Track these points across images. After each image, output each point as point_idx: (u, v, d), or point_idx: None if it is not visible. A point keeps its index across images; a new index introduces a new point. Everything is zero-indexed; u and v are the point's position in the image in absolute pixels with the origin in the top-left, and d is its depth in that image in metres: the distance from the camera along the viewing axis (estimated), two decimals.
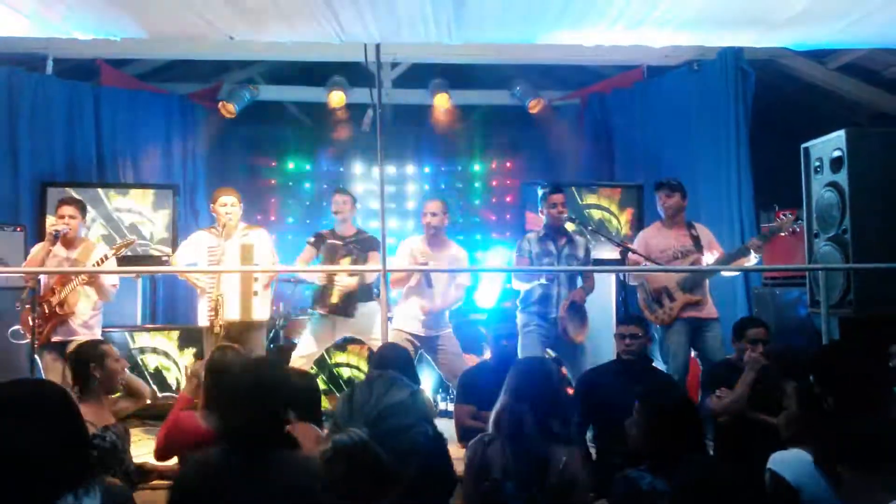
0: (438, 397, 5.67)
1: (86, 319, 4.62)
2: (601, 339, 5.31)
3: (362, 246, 5.07)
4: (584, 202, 6.46)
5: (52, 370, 4.53)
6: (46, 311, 4.49)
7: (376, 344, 4.99)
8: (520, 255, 4.95)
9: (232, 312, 4.71)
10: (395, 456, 1.28)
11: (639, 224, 6.41)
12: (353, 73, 7.26)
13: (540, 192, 5.00)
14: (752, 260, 4.72)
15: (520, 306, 4.94)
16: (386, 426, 1.30)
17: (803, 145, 4.98)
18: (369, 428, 1.28)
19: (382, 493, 1.28)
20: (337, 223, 5.17)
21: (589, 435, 4.02)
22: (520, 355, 4.73)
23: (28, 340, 4.40)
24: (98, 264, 4.54)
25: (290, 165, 8.46)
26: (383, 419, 1.30)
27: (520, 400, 2.66)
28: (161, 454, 3.21)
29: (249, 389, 2.15)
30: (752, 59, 6.16)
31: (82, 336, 4.54)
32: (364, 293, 5.04)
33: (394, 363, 3.46)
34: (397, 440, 1.29)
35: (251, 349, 4.84)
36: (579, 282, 4.92)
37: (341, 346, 5.55)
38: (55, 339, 4.53)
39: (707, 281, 4.83)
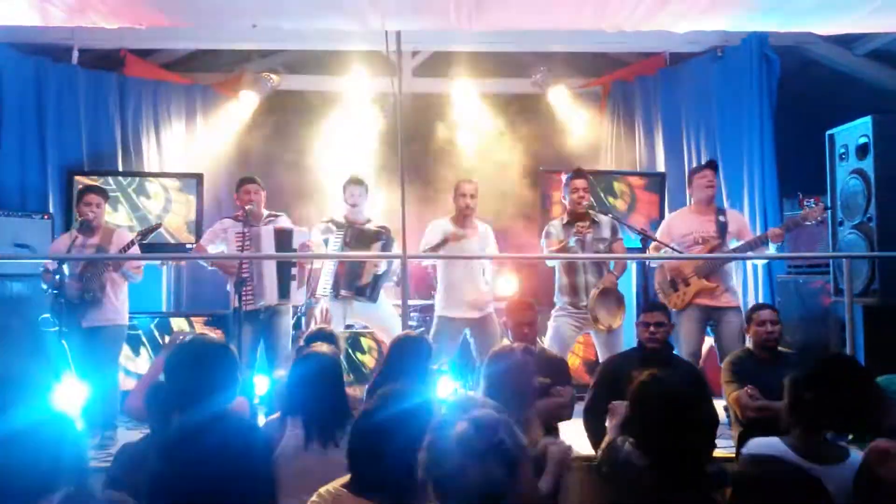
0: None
1: (113, 305, 4.68)
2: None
3: (369, 237, 5.08)
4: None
5: (80, 355, 4.58)
6: (75, 298, 4.54)
7: (379, 335, 5.04)
8: (549, 241, 4.93)
9: (270, 297, 4.80)
10: None
11: (660, 213, 6.39)
12: (374, 63, 7.26)
13: (563, 177, 4.99)
14: (770, 250, 4.67)
15: (556, 295, 4.94)
16: None
17: (828, 132, 4.92)
18: None
19: None
20: (351, 212, 5.20)
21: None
22: (546, 343, 4.75)
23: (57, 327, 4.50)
24: (124, 250, 4.61)
25: (311, 154, 8.45)
26: None
27: None
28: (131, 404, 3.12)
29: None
30: (777, 45, 6.08)
31: (110, 322, 4.62)
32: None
33: (413, 355, 3.35)
34: None
35: (279, 334, 4.92)
36: (610, 264, 4.89)
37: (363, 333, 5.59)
38: (84, 325, 4.59)
39: (728, 268, 4.79)
